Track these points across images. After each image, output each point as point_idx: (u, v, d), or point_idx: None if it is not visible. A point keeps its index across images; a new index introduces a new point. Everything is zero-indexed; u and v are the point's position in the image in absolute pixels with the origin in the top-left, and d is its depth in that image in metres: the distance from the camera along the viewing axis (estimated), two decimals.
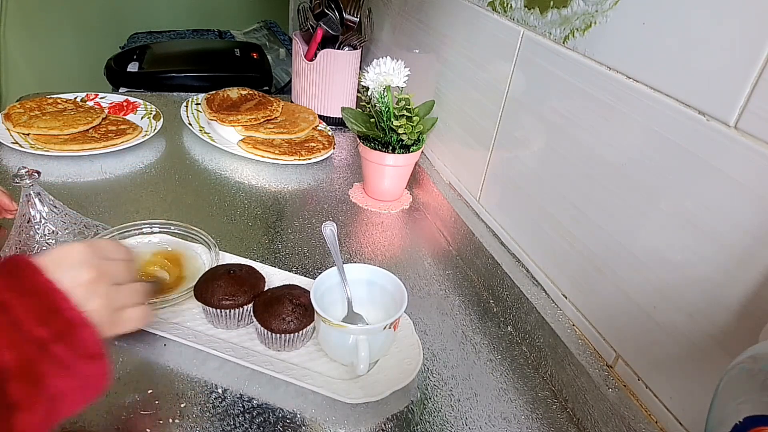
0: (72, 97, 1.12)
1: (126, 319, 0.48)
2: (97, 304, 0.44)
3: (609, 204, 0.58)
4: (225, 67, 1.49)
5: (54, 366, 0.39)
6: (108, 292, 0.45)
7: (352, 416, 0.57)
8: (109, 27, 2.20)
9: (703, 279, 0.48)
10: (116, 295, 0.46)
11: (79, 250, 0.45)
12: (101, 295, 0.44)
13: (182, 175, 0.96)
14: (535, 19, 0.68)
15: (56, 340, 0.40)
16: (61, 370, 0.40)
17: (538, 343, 0.67)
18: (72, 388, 0.41)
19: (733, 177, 0.45)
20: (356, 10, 1.14)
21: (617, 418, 0.54)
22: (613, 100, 0.56)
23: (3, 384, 0.36)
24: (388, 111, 0.87)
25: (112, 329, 0.47)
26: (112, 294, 0.46)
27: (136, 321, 0.49)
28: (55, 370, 0.39)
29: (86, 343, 0.42)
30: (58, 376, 0.39)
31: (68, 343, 0.40)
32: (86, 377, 0.42)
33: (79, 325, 0.41)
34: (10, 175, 0.88)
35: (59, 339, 0.40)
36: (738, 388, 0.34)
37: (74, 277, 0.43)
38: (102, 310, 0.44)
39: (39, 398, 0.38)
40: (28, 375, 0.38)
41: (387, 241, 0.87)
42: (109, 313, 0.45)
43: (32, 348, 0.38)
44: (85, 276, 0.44)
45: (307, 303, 0.60)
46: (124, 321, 0.48)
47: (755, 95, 0.43)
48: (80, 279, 0.43)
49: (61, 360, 0.40)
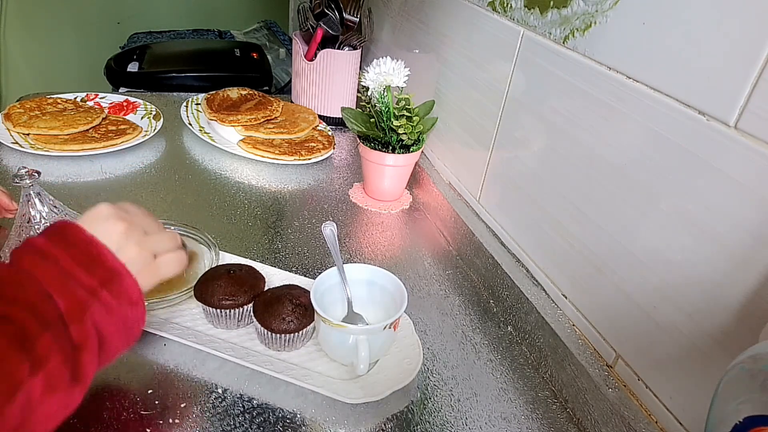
0: (72, 97, 1.12)
1: (163, 263, 0.51)
2: (133, 251, 0.47)
3: (609, 204, 0.58)
4: (225, 67, 1.49)
5: (102, 310, 0.43)
6: (140, 240, 0.49)
7: (352, 416, 0.57)
8: (109, 27, 2.20)
9: (703, 279, 0.48)
10: (149, 241, 0.50)
11: (106, 206, 0.49)
12: (135, 242, 0.48)
13: (182, 175, 0.96)
14: (535, 19, 0.68)
15: (102, 286, 0.44)
16: (107, 313, 0.44)
17: (538, 343, 0.67)
18: (116, 331, 0.45)
19: (733, 177, 0.45)
20: (356, 10, 1.14)
21: (617, 418, 0.54)
22: (613, 100, 0.56)
23: (65, 328, 0.41)
24: (388, 111, 0.87)
25: (151, 275, 0.50)
26: (144, 240, 0.49)
27: (173, 265, 0.52)
28: (102, 314, 0.43)
29: (128, 290, 0.46)
30: (105, 319, 0.43)
31: (112, 289, 0.44)
32: (127, 322, 0.46)
33: (121, 274, 0.45)
34: (10, 175, 0.88)
35: (104, 286, 0.44)
36: (738, 388, 0.34)
37: (107, 229, 0.47)
38: (138, 257, 0.48)
39: (93, 339, 0.42)
40: (83, 318, 0.42)
41: (387, 241, 0.87)
42: (145, 258, 0.49)
43: (83, 294, 0.43)
44: (118, 227, 0.47)
45: (307, 303, 0.60)
46: (161, 266, 0.51)
47: (755, 95, 0.43)
48: (114, 230, 0.47)
49: (107, 305, 0.44)
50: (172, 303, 0.65)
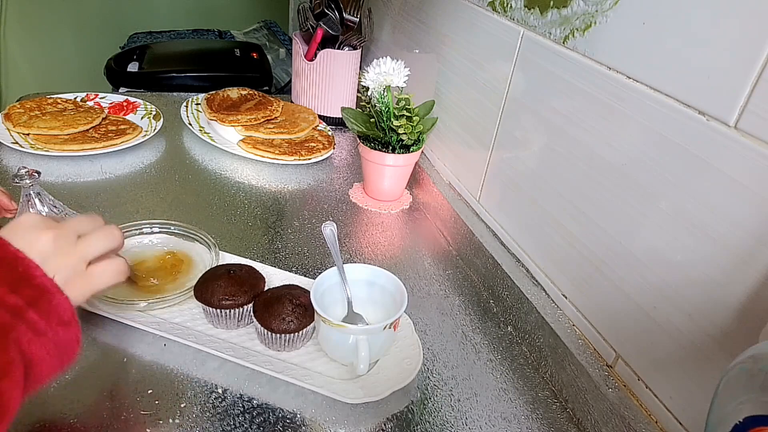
0: (72, 97, 1.12)
1: (97, 273, 0.46)
2: (61, 261, 0.43)
3: (609, 204, 0.58)
4: (225, 67, 1.49)
5: (29, 332, 0.40)
6: (67, 246, 0.44)
7: (352, 416, 0.57)
8: (109, 27, 2.20)
9: (703, 279, 0.48)
10: (80, 247, 0.45)
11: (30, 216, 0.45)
12: (62, 251, 0.44)
13: (182, 175, 0.96)
14: (535, 19, 0.68)
15: (29, 307, 0.40)
16: (35, 336, 0.40)
17: (538, 343, 0.67)
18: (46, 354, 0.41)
19: (733, 177, 0.45)
20: (356, 10, 1.14)
21: (617, 418, 0.54)
22: (613, 100, 0.56)
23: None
24: (388, 111, 0.87)
25: (85, 286, 0.45)
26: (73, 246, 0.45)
27: (108, 274, 0.47)
28: (29, 337, 0.39)
29: (58, 309, 0.42)
30: (33, 343, 0.40)
31: (40, 309, 0.41)
32: (60, 343, 0.42)
33: (50, 292, 0.42)
34: (10, 175, 0.88)
35: (31, 306, 0.40)
36: (738, 388, 0.34)
37: (33, 240, 0.42)
38: (67, 267, 0.44)
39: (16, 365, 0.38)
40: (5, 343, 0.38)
41: (387, 241, 0.87)
42: (76, 266, 0.45)
43: (6, 315, 0.39)
44: (43, 236, 0.43)
45: (307, 303, 0.60)
46: (95, 275, 0.46)
47: (755, 95, 0.43)
48: (39, 240, 0.43)
49: (35, 326, 0.40)
50: (172, 303, 0.65)
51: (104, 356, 0.59)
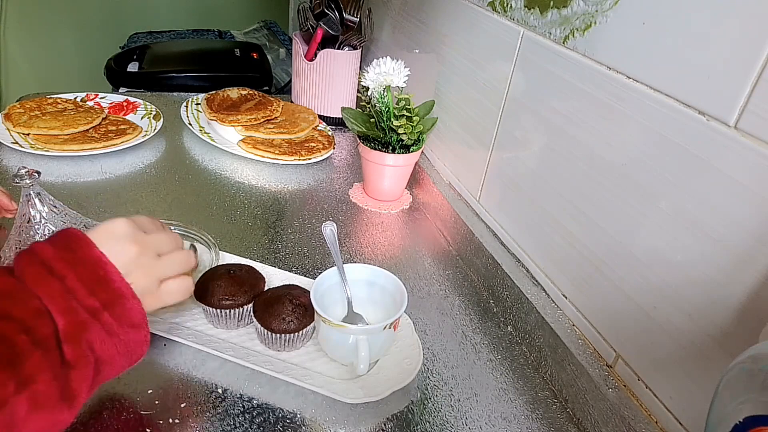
0: (72, 97, 1.12)
1: (166, 292, 0.50)
2: (140, 275, 0.47)
3: (609, 204, 0.58)
4: (225, 67, 1.49)
5: (102, 332, 0.43)
6: (150, 264, 0.48)
7: (352, 416, 0.57)
8: (109, 27, 2.20)
9: (703, 279, 0.48)
10: (158, 266, 0.49)
11: (124, 224, 0.48)
12: (144, 267, 0.48)
13: (182, 175, 0.96)
14: (535, 19, 0.68)
15: (104, 308, 0.43)
16: (107, 336, 0.43)
17: (538, 343, 0.67)
18: (116, 353, 0.44)
19: (733, 177, 0.45)
20: (356, 10, 1.14)
21: (617, 418, 0.54)
22: (613, 100, 0.56)
23: (60, 345, 0.40)
24: (388, 111, 0.87)
25: (155, 301, 0.49)
26: (154, 266, 0.49)
27: (176, 293, 0.52)
28: (102, 336, 0.43)
29: (131, 313, 0.45)
30: (105, 342, 0.43)
31: (115, 312, 0.44)
32: (129, 344, 0.45)
33: (125, 296, 0.45)
34: (10, 175, 0.88)
35: (107, 308, 0.43)
36: (738, 388, 0.34)
37: (120, 251, 0.46)
38: (144, 282, 0.47)
39: (88, 359, 0.42)
40: (80, 338, 0.41)
41: (387, 241, 0.87)
42: (152, 283, 0.49)
43: (84, 315, 0.42)
44: (129, 250, 0.47)
45: (307, 303, 0.60)
46: (164, 294, 0.50)
47: (755, 95, 0.43)
48: (125, 252, 0.47)
49: (108, 327, 0.43)
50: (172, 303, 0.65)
51: None
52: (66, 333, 0.41)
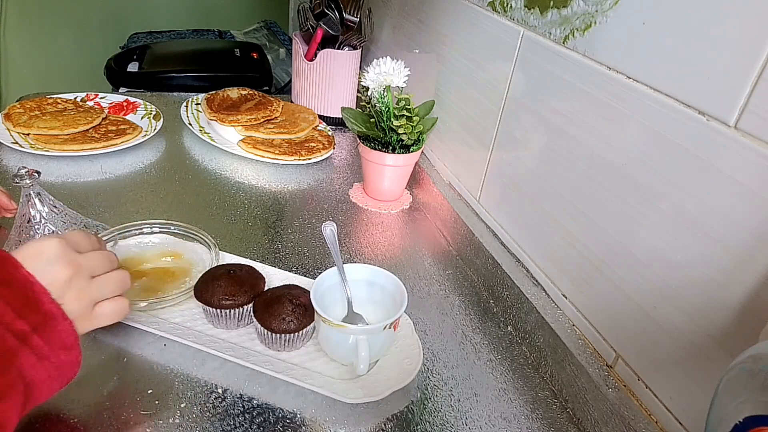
0: (72, 97, 1.12)
1: (100, 314, 0.49)
2: (73, 299, 0.45)
3: (609, 204, 0.58)
4: (225, 67, 1.49)
5: (32, 357, 0.41)
6: (82, 287, 0.46)
7: (352, 416, 0.57)
8: (109, 27, 2.20)
9: (703, 279, 0.48)
10: (91, 288, 0.47)
11: (54, 245, 0.45)
12: (77, 289, 0.45)
13: (182, 175, 0.96)
14: (535, 19, 0.68)
15: (34, 332, 0.41)
16: (38, 360, 0.41)
17: (538, 343, 0.67)
18: (47, 377, 0.42)
19: (733, 177, 0.45)
20: (356, 10, 1.14)
21: (617, 418, 0.54)
22: (613, 100, 0.56)
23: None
24: (388, 111, 0.87)
25: (88, 324, 0.48)
26: (87, 288, 0.47)
27: (111, 315, 0.50)
28: (32, 361, 0.41)
29: (62, 335, 0.43)
30: (35, 367, 0.41)
31: (45, 335, 0.42)
32: (60, 366, 0.43)
33: (56, 318, 0.43)
34: (10, 175, 0.88)
35: (36, 331, 0.41)
36: (738, 388, 0.34)
37: (50, 272, 0.44)
38: (77, 305, 0.45)
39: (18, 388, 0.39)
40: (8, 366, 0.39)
41: (387, 241, 0.87)
42: (85, 306, 0.47)
43: (12, 340, 0.40)
44: (61, 272, 0.45)
45: (307, 303, 0.60)
46: (98, 316, 0.48)
47: (755, 95, 0.43)
48: (56, 275, 0.44)
49: (38, 351, 0.41)
50: (172, 303, 0.65)
51: (104, 356, 0.59)
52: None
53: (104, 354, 0.60)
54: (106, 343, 0.61)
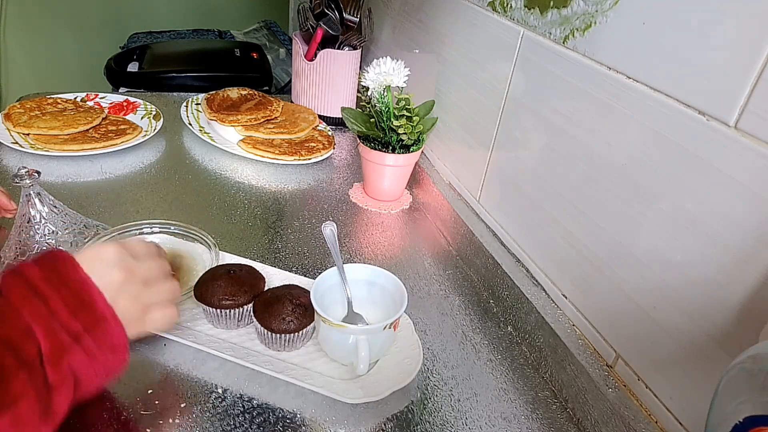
0: (72, 97, 1.12)
1: (150, 321, 0.51)
2: (126, 302, 0.47)
3: (609, 204, 0.58)
4: (225, 67, 1.49)
5: (82, 355, 0.43)
6: (136, 292, 0.49)
7: (352, 416, 0.57)
8: (109, 27, 2.20)
9: (703, 279, 0.48)
10: (144, 294, 0.50)
11: (113, 250, 0.48)
12: (130, 293, 0.48)
13: (182, 175, 0.96)
14: (535, 19, 0.68)
15: (86, 332, 0.43)
16: (87, 359, 0.43)
17: (538, 343, 0.67)
18: (94, 375, 0.44)
19: (733, 177, 0.45)
20: (356, 10, 1.14)
21: (617, 418, 0.54)
22: (613, 100, 0.56)
23: (43, 368, 0.40)
24: (388, 111, 0.87)
25: (138, 328, 0.50)
26: (140, 293, 0.49)
27: (161, 322, 0.52)
28: (82, 359, 0.43)
29: (112, 338, 0.45)
30: (85, 365, 0.43)
31: (96, 335, 0.44)
32: (107, 367, 0.45)
33: (107, 320, 0.45)
34: (10, 175, 0.88)
35: (88, 331, 0.43)
36: (738, 388, 0.34)
37: (106, 275, 0.46)
38: (129, 308, 0.48)
39: (69, 381, 0.42)
40: (61, 361, 0.42)
41: (387, 241, 0.87)
42: (137, 311, 0.49)
43: (66, 338, 0.42)
44: (116, 276, 0.47)
45: (307, 303, 0.60)
46: (148, 322, 0.51)
47: (755, 95, 0.43)
48: (112, 278, 0.47)
49: (89, 351, 0.43)
50: None
51: None
52: (48, 355, 0.41)
53: None
54: None
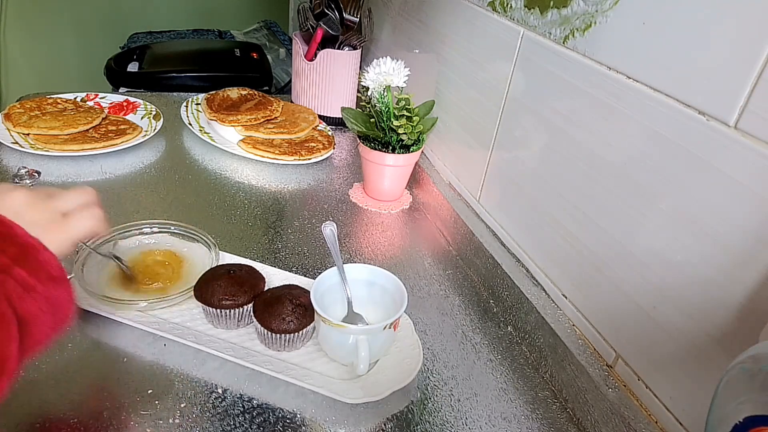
0: (72, 97, 1.12)
1: (75, 219, 0.49)
2: (34, 212, 0.46)
3: (609, 204, 0.58)
4: (225, 67, 1.49)
5: (18, 287, 0.40)
6: (42, 201, 0.47)
7: (352, 416, 0.57)
8: (109, 27, 2.20)
9: (703, 279, 0.48)
10: (52, 201, 0.48)
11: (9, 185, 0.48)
12: (35, 205, 0.47)
13: (182, 175, 0.96)
14: (535, 19, 0.68)
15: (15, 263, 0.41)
16: (25, 292, 0.41)
17: (538, 343, 0.67)
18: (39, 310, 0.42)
19: (733, 177, 0.45)
20: (356, 10, 1.14)
21: (617, 418, 0.54)
22: (613, 100, 0.56)
23: None
24: (388, 111, 0.87)
25: (61, 233, 0.48)
26: (48, 201, 0.48)
27: (84, 220, 0.50)
28: (19, 292, 0.40)
29: (45, 265, 0.43)
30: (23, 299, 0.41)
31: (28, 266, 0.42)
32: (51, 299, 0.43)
33: (35, 248, 0.43)
34: (10, 175, 0.88)
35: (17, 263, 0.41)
36: (738, 388, 0.34)
37: (4, 200, 0.46)
38: (41, 215, 0.46)
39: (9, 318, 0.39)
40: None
41: (387, 241, 0.87)
42: (50, 217, 0.47)
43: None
44: (15, 196, 0.46)
45: (307, 303, 0.60)
46: (72, 222, 0.49)
47: (755, 95, 0.43)
48: (11, 200, 0.46)
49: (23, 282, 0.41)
50: (172, 303, 0.65)
51: (104, 356, 0.59)
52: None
53: (104, 354, 0.60)
54: (107, 344, 0.61)
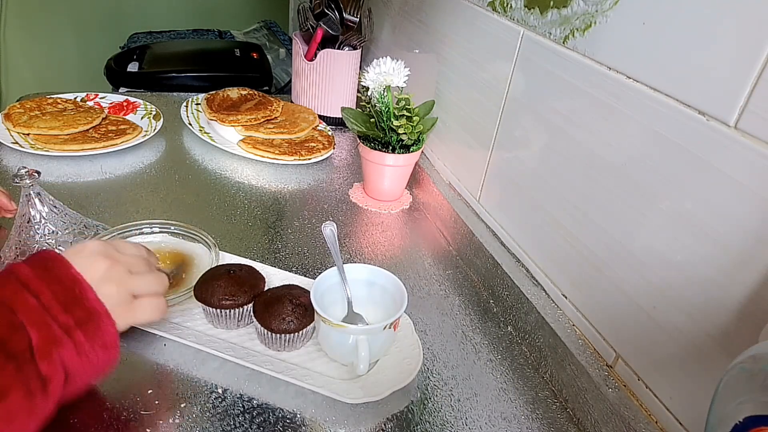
0: (72, 97, 1.12)
1: (140, 307, 0.51)
2: (112, 287, 0.48)
3: (609, 204, 0.58)
4: (225, 67, 1.49)
5: (73, 350, 0.44)
6: (121, 278, 0.49)
7: (352, 416, 0.57)
8: (109, 27, 2.20)
9: (703, 279, 0.48)
10: (129, 281, 0.50)
11: (97, 243, 0.50)
12: (115, 280, 0.48)
13: (182, 175, 0.96)
14: (535, 19, 0.68)
15: (78, 326, 0.44)
16: (77, 355, 0.44)
17: (538, 343, 0.67)
18: (83, 371, 0.45)
19: (733, 177, 0.45)
20: (356, 10, 1.14)
21: (617, 418, 0.54)
22: (613, 100, 0.56)
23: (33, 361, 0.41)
24: (388, 111, 0.87)
25: (128, 316, 0.50)
26: (126, 280, 0.50)
27: (150, 310, 0.52)
28: (72, 353, 0.44)
29: (104, 334, 0.46)
30: (75, 360, 0.44)
31: (88, 331, 0.45)
32: (98, 363, 0.46)
33: (99, 315, 0.46)
34: (10, 175, 0.88)
35: (80, 326, 0.44)
36: (738, 388, 0.34)
37: (90, 266, 0.47)
38: (116, 293, 0.48)
39: (61, 375, 0.43)
40: (52, 353, 0.42)
41: (387, 241, 0.87)
42: (124, 297, 0.49)
43: (58, 331, 0.43)
44: (100, 263, 0.48)
45: (307, 303, 0.60)
46: (137, 309, 0.51)
47: (755, 95, 0.43)
48: (96, 266, 0.48)
49: (79, 346, 0.44)
50: (172, 303, 0.65)
51: None
52: (39, 348, 0.41)
53: None
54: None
